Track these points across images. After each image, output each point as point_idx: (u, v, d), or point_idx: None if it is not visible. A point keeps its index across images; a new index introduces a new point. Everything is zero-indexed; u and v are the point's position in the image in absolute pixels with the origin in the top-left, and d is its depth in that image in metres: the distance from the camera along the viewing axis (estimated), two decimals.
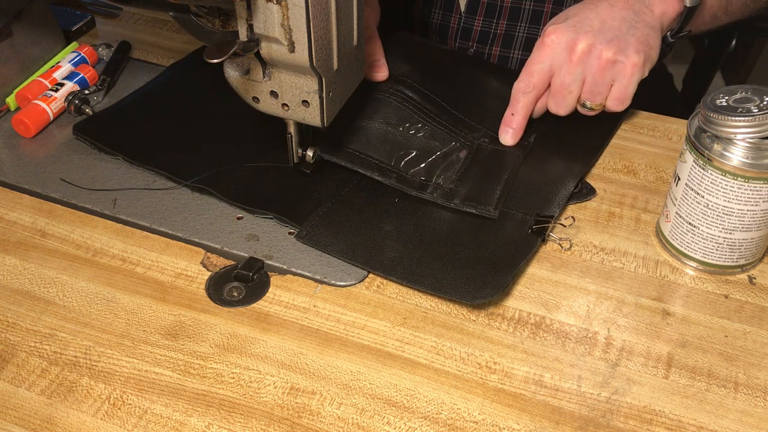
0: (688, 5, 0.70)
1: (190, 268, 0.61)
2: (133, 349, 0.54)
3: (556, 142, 0.72)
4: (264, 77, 0.58)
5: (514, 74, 0.70)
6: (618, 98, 0.68)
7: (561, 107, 0.69)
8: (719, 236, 0.59)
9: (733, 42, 1.14)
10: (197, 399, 0.51)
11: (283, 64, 0.56)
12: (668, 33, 0.73)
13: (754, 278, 0.61)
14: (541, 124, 0.72)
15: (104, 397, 0.51)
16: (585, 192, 0.68)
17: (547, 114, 0.71)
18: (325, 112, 0.59)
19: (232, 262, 0.61)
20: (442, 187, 0.65)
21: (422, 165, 0.67)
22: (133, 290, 0.59)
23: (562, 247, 0.63)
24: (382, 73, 0.71)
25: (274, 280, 0.60)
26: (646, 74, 0.69)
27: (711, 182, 0.56)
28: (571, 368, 0.54)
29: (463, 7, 0.86)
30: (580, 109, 0.69)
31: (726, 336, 0.56)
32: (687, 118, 0.60)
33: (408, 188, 0.65)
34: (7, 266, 0.61)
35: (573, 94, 0.68)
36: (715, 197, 0.57)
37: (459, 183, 0.66)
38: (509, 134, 0.70)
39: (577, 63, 0.66)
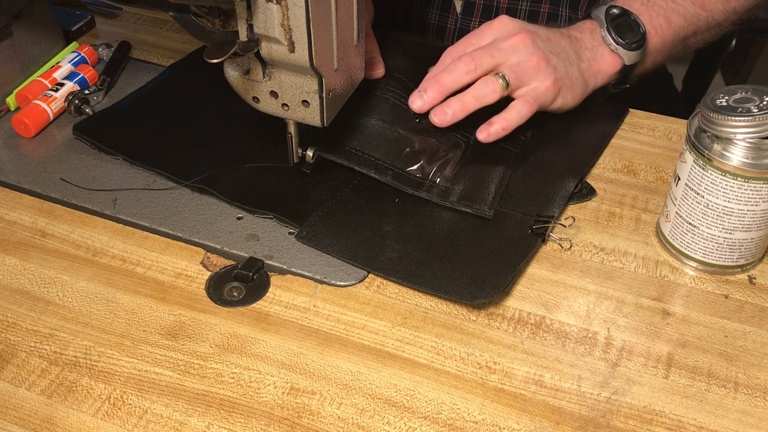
0: (626, 64, 0.70)
1: (190, 268, 0.61)
2: (133, 349, 0.54)
3: (556, 142, 0.72)
4: (264, 77, 0.58)
5: None
6: (513, 105, 0.66)
7: (478, 64, 0.65)
8: (719, 236, 0.59)
9: (733, 42, 1.14)
10: (197, 399, 0.51)
11: (283, 64, 0.56)
12: (610, 85, 0.73)
13: (754, 278, 0.61)
14: (540, 124, 0.72)
15: (104, 397, 0.51)
16: (585, 192, 0.68)
17: (547, 114, 0.71)
18: (325, 112, 0.59)
19: (232, 262, 0.61)
20: (438, 185, 0.65)
21: (418, 162, 0.67)
22: (133, 290, 0.59)
23: (562, 247, 0.63)
24: (378, 71, 0.71)
25: (274, 280, 0.60)
26: (548, 108, 0.69)
27: (711, 182, 0.56)
28: (571, 368, 0.54)
29: (459, 9, 0.86)
30: (489, 81, 0.65)
31: (726, 336, 0.56)
32: (687, 118, 0.60)
33: (404, 186, 0.65)
34: (7, 266, 0.61)
35: (494, 59, 0.65)
36: (715, 197, 0.57)
37: (454, 180, 0.65)
38: (422, 100, 0.65)
39: (516, 42, 0.65)
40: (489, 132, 0.65)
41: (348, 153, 0.66)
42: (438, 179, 0.66)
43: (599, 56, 0.70)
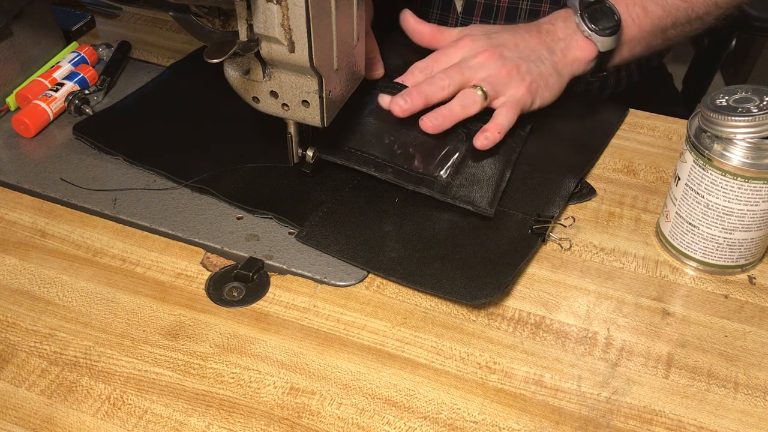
0: (601, 50, 0.71)
1: (190, 268, 0.61)
2: (133, 349, 0.54)
3: (556, 142, 0.72)
4: (264, 77, 0.58)
5: None
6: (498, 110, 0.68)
7: (451, 81, 0.67)
8: (719, 236, 0.59)
9: (733, 42, 1.14)
10: (197, 399, 0.51)
11: (283, 64, 0.56)
12: (587, 73, 0.73)
13: (754, 278, 0.61)
14: (540, 123, 0.72)
15: (104, 397, 0.51)
16: (585, 192, 0.68)
17: (547, 114, 0.71)
18: (325, 112, 0.59)
19: (232, 262, 0.61)
20: (438, 181, 0.65)
21: (418, 158, 0.66)
22: (133, 290, 0.59)
23: (562, 247, 0.63)
24: (378, 71, 0.71)
25: (274, 280, 0.60)
26: (530, 109, 0.70)
27: (711, 182, 0.56)
28: (571, 368, 0.54)
29: (459, 8, 0.86)
30: (470, 93, 0.67)
31: (726, 336, 0.56)
32: (687, 118, 0.60)
33: (405, 182, 0.65)
34: (7, 266, 0.61)
35: (464, 76, 0.67)
36: (715, 197, 0.57)
37: (455, 176, 0.65)
38: (406, 105, 0.66)
39: (483, 60, 0.68)
40: (486, 138, 0.66)
41: (347, 153, 0.66)
42: (439, 175, 0.65)
43: (573, 44, 0.71)
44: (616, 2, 0.72)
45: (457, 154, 0.67)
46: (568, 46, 0.71)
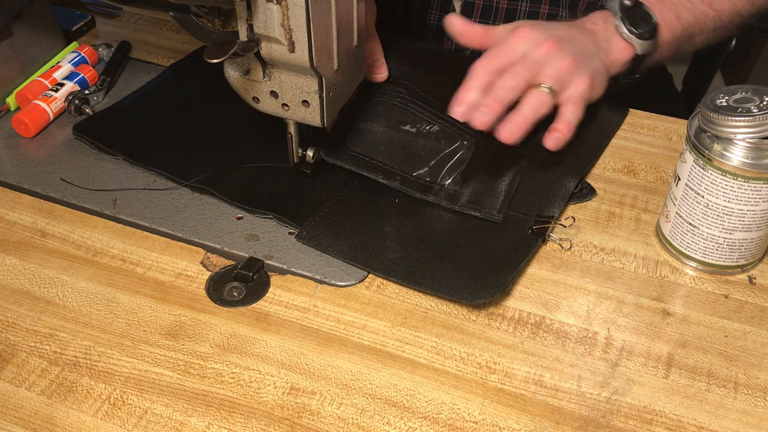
0: (639, 53, 0.72)
1: (190, 268, 0.61)
2: (133, 349, 0.54)
3: None
4: (264, 77, 0.58)
5: None
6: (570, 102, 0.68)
7: (521, 80, 0.66)
8: (719, 236, 0.59)
9: (733, 42, 1.14)
10: (197, 399, 0.51)
11: (283, 64, 0.56)
12: (620, 75, 0.74)
13: (754, 278, 0.61)
14: (539, 124, 0.72)
15: (104, 397, 0.51)
16: (585, 192, 0.68)
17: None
18: (325, 112, 0.59)
19: (232, 262, 0.61)
20: (446, 189, 0.65)
21: (426, 166, 0.67)
22: (133, 290, 0.59)
23: (562, 247, 0.63)
24: (382, 74, 0.71)
25: (274, 280, 0.60)
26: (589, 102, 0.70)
27: (711, 182, 0.56)
28: (571, 368, 0.54)
29: (458, 9, 0.86)
30: (537, 94, 0.66)
31: (726, 336, 0.56)
32: (687, 118, 0.60)
33: (412, 191, 0.65)
34: (7, 266, 0.61)
35: (532, 71, 0.66)
36: (715, 197, 0.57)
37: (463, 184, 0.65)
38: (486, 117, 0.65)
39: (546, 52, 0.67)
40: (557, 138, 0.67)
41: (356, 159, 0.66)
42: (446, 183, 0.66)
43: (613, 45, 0.72)
44: (651, 6, 0.73)
45: (466, 163, 0.67)
46: (609, 47, 0.72)
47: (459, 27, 0.71)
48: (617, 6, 0.72)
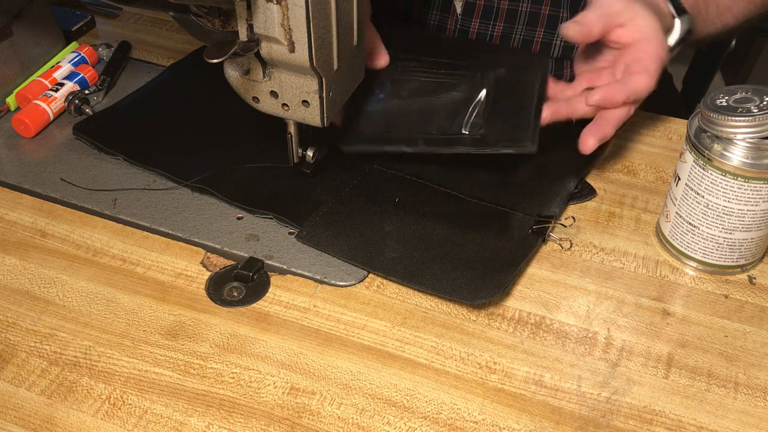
0: (670, 44, 0.70)
1: (190, 268, 0.61)
2: (133, 349, 0.54)
3: (556, 142, 0.72)
4: (264, 77, 0.58)
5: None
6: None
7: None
8: (719, 236, 0.59)
9: (733, 42, 1.14)
10: (197, 399, 0.51)
11: (283, 64, 0.56)
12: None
13: (754, 278, 0.61)
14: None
15: (104, 397, 0.51)
16: (585, 192, 0.68)
17: None
18: (325, 112, 0.59)
19: (232, 262, 0.61)
20: (472, 136, 0.63)
21: (446, 120, 0.65)
22: (133, 290, 0.59)
23: (562, 247, 0.63)
24: (382, 60, 0.70)
25: (274, 280, 0.60)
26: None
27: (711, 182, 0.56)
28: (571, 368, 0.54)
29: (459, 9, 0.86)
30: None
31: (726, 336, 0.56)
32: (687, 118, 0.60)
33: (438, 148, 0.63)
34: (7, 266, 0.61)
35: None
36: (715, 197, 0.57)
37: (488, 126, 0.64)
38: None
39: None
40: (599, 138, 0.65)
41: (374, 138, 0.65)
42: (470, 130, 0.64)
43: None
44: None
45: (483, 102, 0.65)
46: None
47: (578, 27, 0.66)
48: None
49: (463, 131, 0.64)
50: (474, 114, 0.65)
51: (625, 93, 0.63)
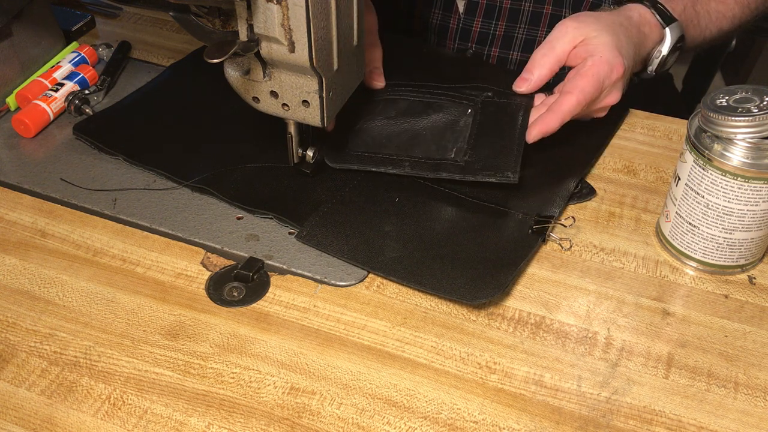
0: (664, 53, 0.72)
1: (190, 268, 0.61)
2: (133, 349, 0.54)
3: (556, 143, 0.72)
4: (264, 77, 0.58)
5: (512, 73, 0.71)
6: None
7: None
8: (719, 236, 0.59)
9: (733, 42, 1.14)
10: (197, 399, 0.51)
11: (283, 64, 0.56)
12: (649, 69, 0.74)
13: (754, 278, 0.61)
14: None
15: (104, 397, 0.51)
16: (585, 192, 0.68)
17: None
18: (325, 112, 0.59)
19: (232, 262, 0.61)
20: (456, 162, 0.64)
21: (432, 143, 0.66)
22: (133, 290, 0.59)
23: (562, 247, 0.63)
24: (379, 82, 0.72)
25: (274, 280, 0.60)
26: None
27: (711, 182, 0.56)
28: (571, 368, 0.54)
29: (461, 9, 0.86)
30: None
31: (726, 336, 0.56)
32: (687, 118, 0.60)
33: (423, 172, 0.64)
34: (7, 266, 0.61)
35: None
36: (715, 197, 0.57)
37: (472, 152, 0.64)
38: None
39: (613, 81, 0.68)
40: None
41: (361, 158, 0.66)
42: (454, 155, 0.65)
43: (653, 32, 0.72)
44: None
45: (469, 128, 0.66)
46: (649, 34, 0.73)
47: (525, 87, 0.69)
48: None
49: (448, 156, 0.65)
50: (460, 139, 0.66)
51: (558, 119, 0.65)
